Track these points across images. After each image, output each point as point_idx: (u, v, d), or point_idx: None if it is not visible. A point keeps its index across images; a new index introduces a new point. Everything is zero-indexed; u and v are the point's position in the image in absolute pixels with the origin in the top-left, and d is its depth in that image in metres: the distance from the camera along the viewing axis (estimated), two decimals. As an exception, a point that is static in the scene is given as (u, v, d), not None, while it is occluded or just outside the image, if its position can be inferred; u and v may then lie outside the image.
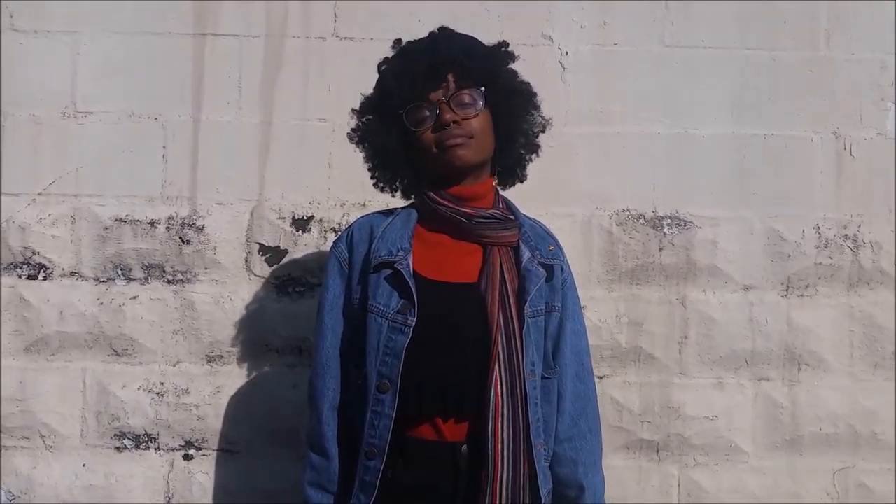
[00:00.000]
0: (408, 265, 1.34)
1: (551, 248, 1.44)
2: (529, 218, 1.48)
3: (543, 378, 1.39)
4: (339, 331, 1.40)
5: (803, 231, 1.96)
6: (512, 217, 1.42)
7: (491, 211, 1.39)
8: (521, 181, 1.49)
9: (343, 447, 1.37)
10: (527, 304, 1.34)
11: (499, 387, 1.28)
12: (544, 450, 1.37)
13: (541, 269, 1.38)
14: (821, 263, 1.96)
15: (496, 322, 1.30)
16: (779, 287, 1.96)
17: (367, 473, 1.31)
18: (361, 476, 1.32)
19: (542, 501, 1.35)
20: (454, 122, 1.33)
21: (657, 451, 1.94)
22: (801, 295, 1.96)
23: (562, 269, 1.44)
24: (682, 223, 1.96)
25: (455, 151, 1.33)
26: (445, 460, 1.31)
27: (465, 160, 1.35)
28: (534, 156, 1.47)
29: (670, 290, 1.95)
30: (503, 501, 1.27)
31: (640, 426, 1.93)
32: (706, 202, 1.96)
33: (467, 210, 1.37)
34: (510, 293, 1.33)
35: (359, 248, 1.40)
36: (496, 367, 1.29)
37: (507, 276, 1.34)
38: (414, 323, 1.30)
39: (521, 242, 1.40)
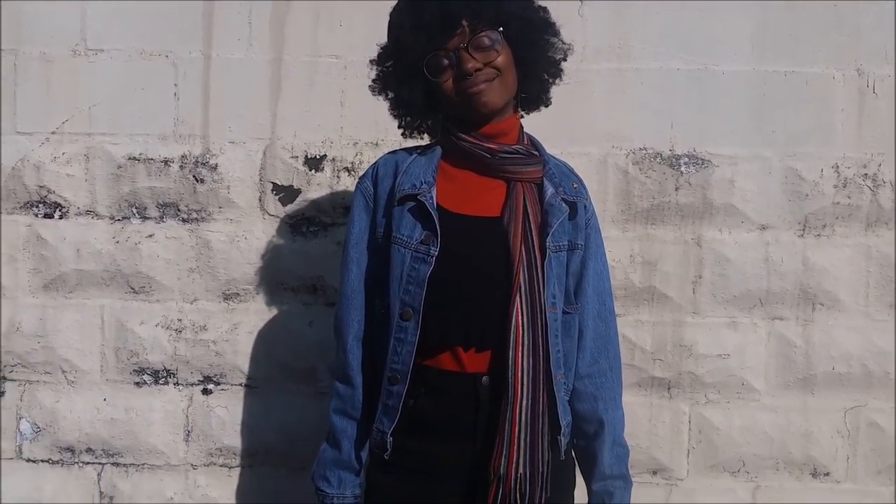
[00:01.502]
0: (431, 198, 1.34)
1: (575, 185, 1.43)
2: (554, 157, 1.47)
3: (564, 313, 1.40)
4: (363, 264, 1.42)
5: (822, 170, 1.93)
6: (536, 153, 1.41)
7: (515, 146, 1.38)
8: (546, 105, 1.47)
9: (367, 378, 1.40)
10: (549, 238, 1.34)
11: (520, 318, 1.30)
12: (564, 381, 1.38)
13: (564, 205, 1.38)
14: (839, 203, 1.93)
15: (518, 254, 1.31)
16: (795, 226, 1.94)
17: (390, 398, 1.34)
18: (384, 401, 1.35)
19: (562, 431, 1.37)
20: (476, 69, 1.31)
21: (668, 389, 1.95)
22: (818, 235, 1.94)
23: (585, 207, 1.44)
24: (700, 162, 1.93)
25: (480, 99, 1.32)
26: (466, 391, 1.33)
27: (490, 106, 1.34)
28: (557, 80, 1.45)
29: (686, 229, 1.94)
30: (522, 427, 1.29)
31: (652, 364, 1.94)
32: (724, 140, 1.93)
33: (491, 146, 1.36)
34: (533, 227, 1.34)
35: (383, 183, 1.41)
36: (517, 298, 1.30)
37: (530, 210, 1.35)
38: (437, 253, 1.31)
39: (544, 179, 1.39)
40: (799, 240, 1.94)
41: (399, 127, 1.47)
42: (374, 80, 1.45)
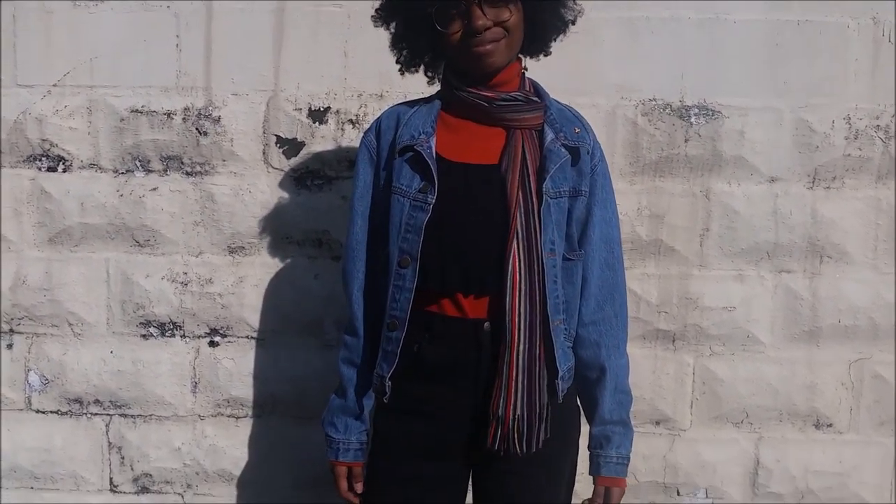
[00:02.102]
0: (429, 147, 1.35)
1: (577, 130, 1.41)
2: (559, 102, 1.45)
3: (566, 259, 1.40)
4: (368, 217, 1.44)
5: (833, 122, 1.90)
6: (536, 99, 1.40)
7: (513, 93, 1.37)
8: (547, 55, 1.45)
9: (373, 327, 1.42)
10: (546, 183, 1.34)
11: (517, 263, 1.30)
12: (564, 326, 1.39)
13: (563, 150, 1.37)
14: (849, 155, 1.91)
15: (515, 200, 1.31)
16: (805, 179, 1.92)
17: (389, 344, 1.36)
18: (384, 346, 1.37)
19: (560, 375, 1.37)
20: (486, 27, 1.29)
21: (673, 341, 1.96)
22: (828, 187, 1.92)
23: (590, 153, 1.42)
24: (710, 113, 1.90)
25: (485, 59, 1.32)
26: (468, 337, 1.35)
27: (495, 66, 1.33)
28: (562, 36, 1.44)
29: (694, 182, 1.92)
30: (519, 370, 1.30)
31: (657, 316, 1.94)
32: (736, 91, 1.89)
33: (488, 94, 1.36)
34: (531, 173, 1.33)
35: (386, 136, 1.42)
36: (514, 244, 1.30)
37: (528, 157, 1.34)
38: (433, 201, 1.32)
39: (545, 125, 1.38)
40: (808, 192, 1.92)
41: (397, 62, 1.45)
42: (377, 10, 1.42)
